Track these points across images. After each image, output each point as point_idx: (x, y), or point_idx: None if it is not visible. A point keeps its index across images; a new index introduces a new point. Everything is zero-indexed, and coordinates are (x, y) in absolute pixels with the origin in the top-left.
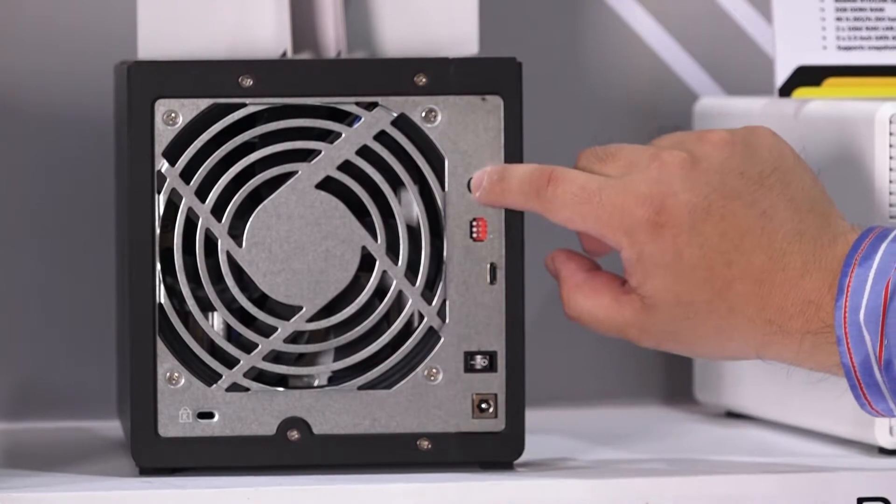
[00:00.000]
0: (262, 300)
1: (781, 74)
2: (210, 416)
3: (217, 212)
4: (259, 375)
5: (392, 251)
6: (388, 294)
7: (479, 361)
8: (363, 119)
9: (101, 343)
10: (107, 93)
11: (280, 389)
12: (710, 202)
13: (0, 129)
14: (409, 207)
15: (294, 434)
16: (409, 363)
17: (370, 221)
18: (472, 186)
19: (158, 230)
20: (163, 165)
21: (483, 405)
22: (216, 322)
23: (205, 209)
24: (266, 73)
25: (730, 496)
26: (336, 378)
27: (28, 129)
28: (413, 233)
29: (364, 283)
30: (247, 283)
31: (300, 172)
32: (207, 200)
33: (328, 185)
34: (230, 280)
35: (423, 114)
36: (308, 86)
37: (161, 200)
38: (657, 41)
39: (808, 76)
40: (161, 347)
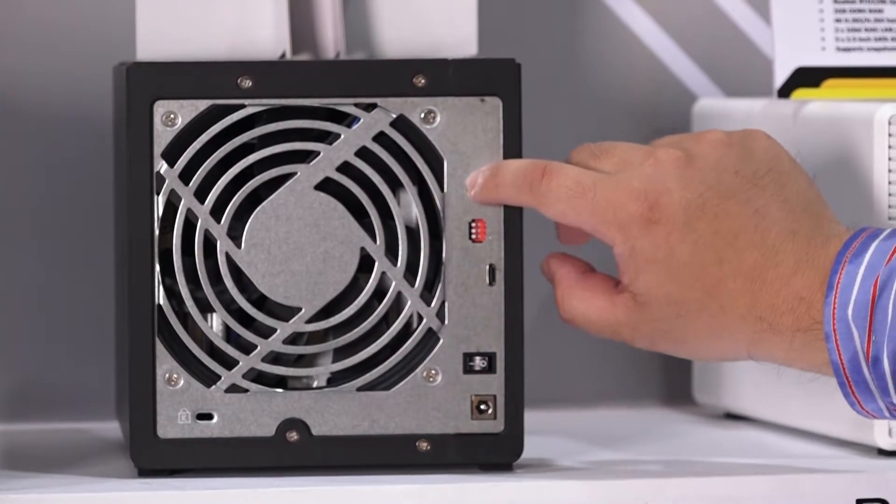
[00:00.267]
0: (261, 301)
1: (780, 76)
2: (209, 418)
3: (216, 213)
4: (258, 377)
5: (391, 252)
6: (387, 295)
7: (478, 363)
8: (362, 120)
9: (101, 344)
10: (106, 93)
11: (279, 391)
12: (705, 200)
13: (0, 129)
14: (408, 209)
15: (293, 435)
16: (408, 364)
17: (369, 222)
18: (468, 186)
19: (157, 231)
20: (162, 166)
21: (482, 406)
22: (215, 323)
23: (204, 210)
24: (265, 75)
25: (729, 497)
26: (335, 379)
27: (28, 129)
28: (412, 234)
29: (363, 285)
30: (246, 285)
31: (299, 173)
32: (206, 201)
33: (327, 187)
34: (229, 281)
35: (422, 115)
36: (307, 87)
37: (160, 201)
38: (656, 42)
39: (807, 77)
40: (160, 348)
